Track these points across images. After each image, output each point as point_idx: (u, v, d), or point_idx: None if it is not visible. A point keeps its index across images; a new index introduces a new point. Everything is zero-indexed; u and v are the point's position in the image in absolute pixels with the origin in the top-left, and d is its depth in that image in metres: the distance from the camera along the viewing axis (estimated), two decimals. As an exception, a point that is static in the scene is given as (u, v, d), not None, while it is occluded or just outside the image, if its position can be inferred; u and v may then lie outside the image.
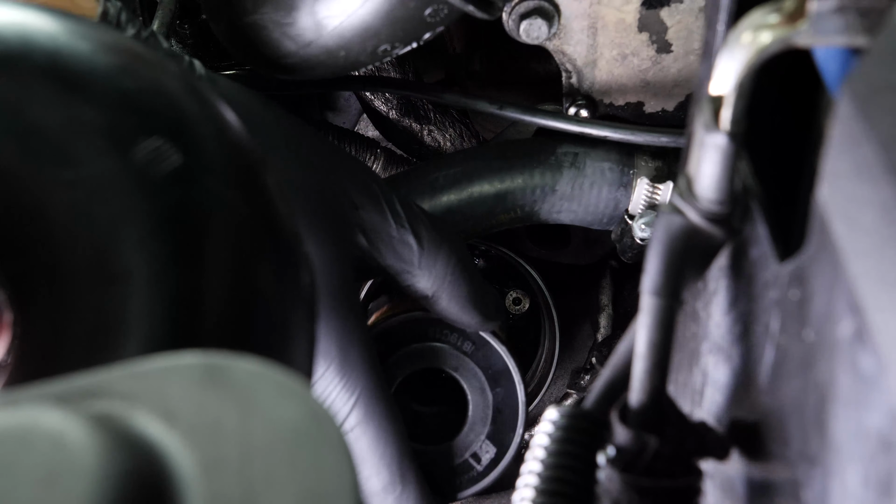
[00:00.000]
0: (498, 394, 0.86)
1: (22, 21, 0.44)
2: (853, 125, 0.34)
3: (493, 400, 0.86)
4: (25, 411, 0.29)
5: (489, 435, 0.86)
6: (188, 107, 0.45)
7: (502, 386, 0.86)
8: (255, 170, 0.46)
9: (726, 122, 0.44)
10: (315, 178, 0.73)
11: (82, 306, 0.41)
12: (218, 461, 0.29)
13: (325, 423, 0.30)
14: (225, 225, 0.43)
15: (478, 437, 0.86)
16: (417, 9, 0.78)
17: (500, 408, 0.86)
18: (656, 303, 0.47)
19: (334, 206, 0.74)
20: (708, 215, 0.47)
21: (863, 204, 0.34)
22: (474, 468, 0.86)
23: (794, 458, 0.43)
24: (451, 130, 1.07)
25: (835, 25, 0.40)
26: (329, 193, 0.74)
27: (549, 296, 1.06)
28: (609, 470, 0.47)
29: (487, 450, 0.87)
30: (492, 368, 0.86)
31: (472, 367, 0.86)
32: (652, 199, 0.93)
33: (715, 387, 0.54)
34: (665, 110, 0.95)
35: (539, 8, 0.87)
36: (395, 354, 0.86)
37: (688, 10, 0.87)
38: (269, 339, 0.44)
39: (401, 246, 0.78)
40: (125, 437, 0.29)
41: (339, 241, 0.73)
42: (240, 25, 0.84)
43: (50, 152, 0.42)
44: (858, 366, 0.35)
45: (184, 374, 0.31)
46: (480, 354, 0.86)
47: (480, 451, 0.86)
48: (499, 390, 0.86)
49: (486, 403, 0.86)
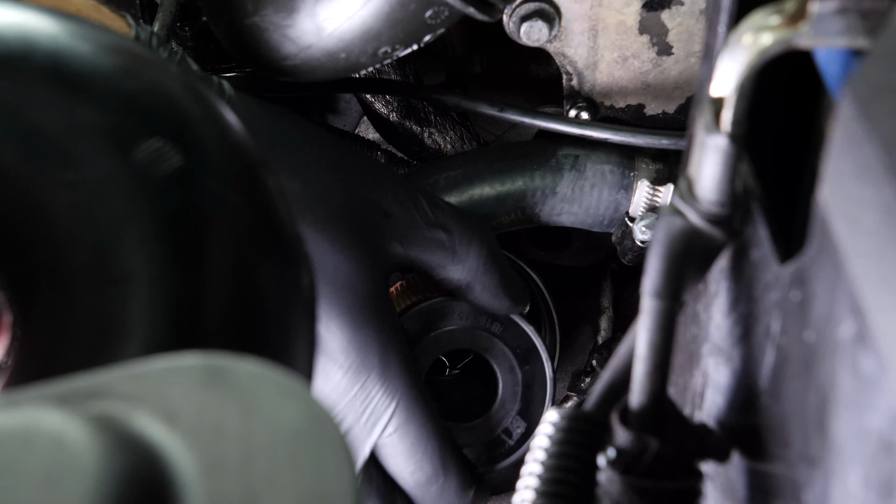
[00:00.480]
0: (526, 371, 0.90)
1: (23, 22, 0.44)
2: (854, 126, 0.34)
3: (521, 378, 0.90)
4: (26, 412, 0.29)
5: (519, 411, 0.90)
6: (189, 108, 0.45)
7: (530, 364, 0.90)
8: (256, 171, 0.46)
9: (727, 124, 0.44)
10: (346, 192, 0.76)
11: (83, 308, 0.41)
12: (219, 462, 0.29)
13: (326, 424, 0.30)
14: (226, 226, 0.43)
15: (508, 414, 0.90)
16: (418, 11, 0.78)
17: (528, 384, 0.90)
18: (657, 304, 0.47)
19: (366, 218, 0.77)
20: (709, 217, 0.47)
21: (864, 205, 0.34)
22: (506, 443, 0.90)
23: (794, 459, 0.43)
24: (451, 133, 1.07)
25: (836, 27, 0.40)
26: (360, 206, 0.77)
27: (549, 298, 1.06)
28: (609, 472, 0.47)
29: (518, 425, 0.90)
30: (520, 347, 0.90)
31: (501, 347, 0.89)
32: (652, 202, 0.94)
33: (715, 388, 0.54)
34: (666, 112, 0.95)
35: (540, 10, 0.87)
36: (425, 337, 0.88)
37: (688, 12, 0.87)
38: (269, 341, 0.44)
39: (433, 244, 0.80)
40: (126, 438, 0.29)
41: (373, 252, 0.76)
42: (240, 27, 0.84)
43: (51, 153, 0.42)
44: (859, 367, 0.35)
45: (185, 374, 0.31)
46: (509, 335, 0.90)
47: (511, 426, 0.90)
48: (527, 368, 0.90)
49: (516, 381, 0.90)
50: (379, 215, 0.78)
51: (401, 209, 0.79)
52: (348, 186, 0.77)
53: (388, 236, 0.78)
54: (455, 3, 0.77)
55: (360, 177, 0.78)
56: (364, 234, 0.76)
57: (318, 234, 0.73)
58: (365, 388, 0.75)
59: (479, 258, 0.83)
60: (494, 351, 0.90)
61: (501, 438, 0.90)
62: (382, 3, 0.78)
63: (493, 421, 0.90)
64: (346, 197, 0.76)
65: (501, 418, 0.90)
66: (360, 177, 0.78)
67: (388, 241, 0.78)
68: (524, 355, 0.90)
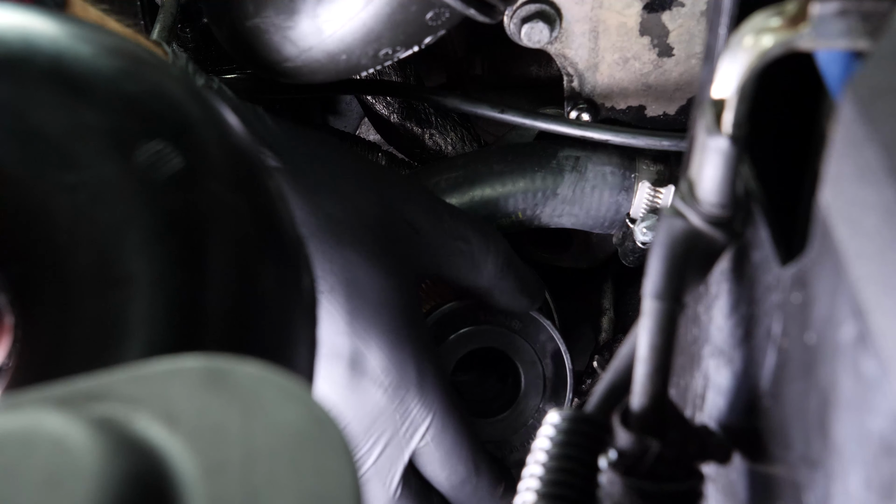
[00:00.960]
0: (547, 365, 0.93)
1: (24, 24, 0.44)
2: (855, 128, 0.34)
3: (542, 371, 0.93)
4: (27, 415, 0.29)
5: (542, 403, 0.94)
6: (190, 110, 0.45)
7: (550, 357, 0.93)
8: (256, 173, 0.46)
9: (728, 126, 0.44)
10: (379, 209, 0.79)
11: (84, 310, 0.41)
12: (220, 465, 0.29)
13: (327, 427, 0.30)
14: (226, 228, 0.43)
15: (533, 406, 0.93)
16: (419, 12, 0.78)
17: (549, 377, 0.94)
18: (658, 306, 0.47)
19: (399, 235, 0.80)
20: (710, 219, 0.47)
21: (865, 207, 0.34)
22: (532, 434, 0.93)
23: (796, 461, 0.43)
24: (452, 134, 1.07)
25: (837, 29, 0.40)
26: (393, 223, 0.80)
27: (550, 299, 1.06)
28: (611, 473, 0.47)
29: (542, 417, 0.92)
30: (539, 342, 0.93)
31: (521, 343, 0.92)
32: (653, 203, 0.94)
33: (716, 390, 0.54)
34: (666, 114, 0.95)
35: (541, 11, 0.87)
36: (448, 340, 0.91)
37: (689, 13, 0.87)
38: (270, 342, 0.44)
39: (457, 255, 0.84)
40: (127, 440, 0.29)
41: (407, 269, 0.80)
42: (241, 29, 0.84)
43: (52, 156, 0.42)
44: (861, 369, 0.35)
45: (186, 377, 0.31)
46: (528, 331, 0.93)
47: (535, 418, 0.94)
48: (547, 361, 0.93)
49: (538, 374, 0.93)
50: (408, 231, 0.81)
51: (428, 223, 0.82)
52: (381, 203, 0.80)
53: (418, 251, 0.81)
54: (456, 5, 0.77)
55: (391, 192, 0.81)
56: (398, 251, 0.79)
57: (354, 254, 0.76)
58: (404, 404, 0.78)
59: (496, 264, 0.86)
60: (515, 347, 0.92)
61: (528, 430, 0.94)
62: (383, 4, 0.78)
63: (519, 414, 0.94)
64: (380, 214, 0.79)
65: (526, 410, 0.93)
66: (391, 192, 0.81)
67: (418, 256, 0.81)
68: (543, 349, 0.93)
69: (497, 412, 0.94)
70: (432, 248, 0.82)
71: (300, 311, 0.46)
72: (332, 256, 0.76)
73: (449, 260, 0.84)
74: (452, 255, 0.84)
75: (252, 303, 0.43)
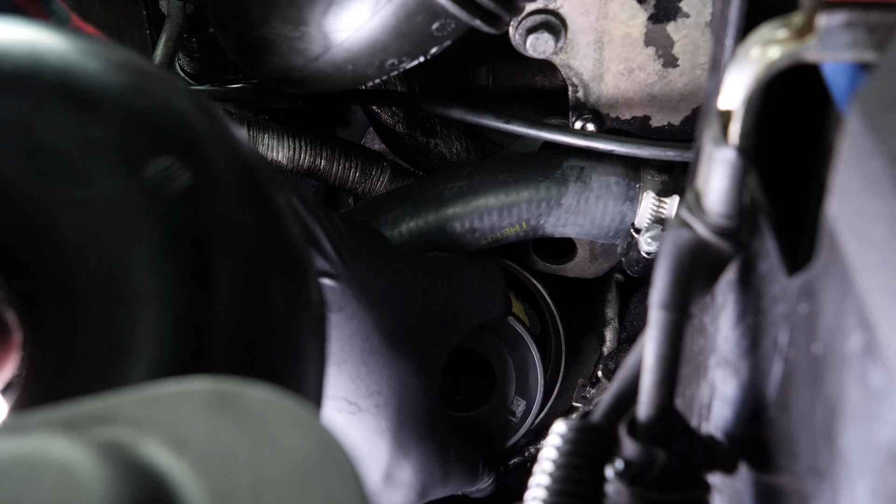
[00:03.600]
0: (515, 356, 1.01)
1: (32, 39, 0.44)
2: (862, 140, 0.34)
3: (512, 362, 1.01)
4: (34, 439, 0.29)
5: (516, 392, 1.02)
6: (198, 126, 0.45)
7: (517, 349, 1.01)
8: (265, 189, 0.46)
9: (735, 137, 0.45)
10: (427, 316, 0.86)
11: (92, 326, 0.41)
12: (228, 491, 0.28)
13: (336, 453, 0.30)
14: (235, 245, 0.43)
15: (508, 395, 1.02)
16: (425, 23, 0.79)
17: (519, 367, 1.02)
18: (665, 316, 0.47)
19: (435, 339, 0.86)
20: (716, 229, 0.47)
21: (872, 218, 0.34)
22: (512, 421, 1.02)
23: (802, 471, 0.43)
24: (457, 144, 1.07)
25: (843, 41, 0.40)
26: (433, 325, 0.86)
27: (555, 309, 1.07)
28: (617, 483, 0.47)
29: (518, 403, 1.02)
30: (505, 336, 1.01)
31: (489, 338, 1.01)
32: (658, 213, 0.94)
33: (723, 400, 0.54)
34: (671, 124, 0.95)
35: (546, 22, 0.87)
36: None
37: (694, 24, 0.88)
38: (278, 358, 0.44)
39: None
40: (134, 465, 0.29)
41: (438, 368, 0.87)
42: (248, 39, 0.84)
43: (60, 171, 0.42)
44: (868, 380, 0.35)
45: (194, 400, 0.31)
46: (492, 328, 1.00)
47: (513, 405, 1.02)
48: (515, 353, 1.01)
49: (508, 366, 1.01)
50: (445, 330, 0.88)
51: (460, 320, 0.90)
52: (430, 308, 0.86)
53: (447, 348, 0.88)
54: (462, 16, 0.77)
55: (434, 291, 0.87)
56: (436, 353, 0.86)
57: (407, 366, 0.83)
58: (428, 495, 0.87)
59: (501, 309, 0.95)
60: (485, 344, 1.01)
61: (507, 418, 1.02)
62: (389, 15, 0.78)
63: (497, 404, 1.02)
64: (429, 321, 0.86)
65: (502, 400, 1.02)
66: (434, 291, 0.87)
67: (446, 352, 0.88)
68: (511, 342, 1.01)
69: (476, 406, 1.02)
70: (456, 339, 0.89)
71: (308, 326, 0.46)
72: (390, 371, 0.80)
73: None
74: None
75: (259, 319, 0.43)
